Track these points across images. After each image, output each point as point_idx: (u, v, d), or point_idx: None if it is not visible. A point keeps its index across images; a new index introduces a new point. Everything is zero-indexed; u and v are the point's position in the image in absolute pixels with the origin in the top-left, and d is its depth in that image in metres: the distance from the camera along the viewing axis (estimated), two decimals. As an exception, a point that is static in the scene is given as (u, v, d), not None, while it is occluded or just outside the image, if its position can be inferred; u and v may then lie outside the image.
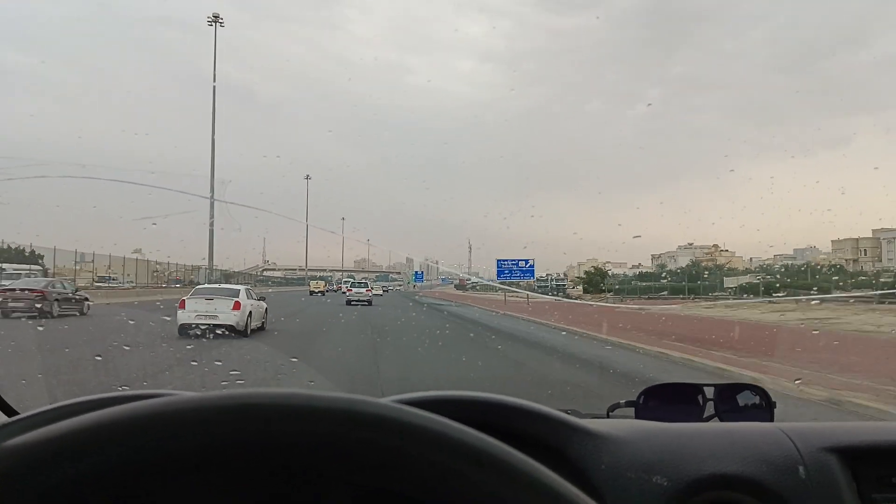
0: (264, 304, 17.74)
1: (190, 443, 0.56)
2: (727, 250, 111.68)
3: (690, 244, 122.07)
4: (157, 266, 50.06)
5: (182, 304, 16.01)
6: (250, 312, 16.44)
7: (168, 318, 15.35)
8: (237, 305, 15.88)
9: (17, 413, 1.34)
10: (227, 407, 0.58)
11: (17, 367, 8.21)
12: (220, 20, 43.43)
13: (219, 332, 15.05)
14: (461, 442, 0.59)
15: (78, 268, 42.80)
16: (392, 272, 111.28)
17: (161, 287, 43.25)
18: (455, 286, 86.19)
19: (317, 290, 52.12)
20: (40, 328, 16.11)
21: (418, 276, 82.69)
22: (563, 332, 21.02)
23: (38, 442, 0.55)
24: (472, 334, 21.37)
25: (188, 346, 13.57)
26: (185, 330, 15.18)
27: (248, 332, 16.14)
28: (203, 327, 15.10)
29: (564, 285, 70.99)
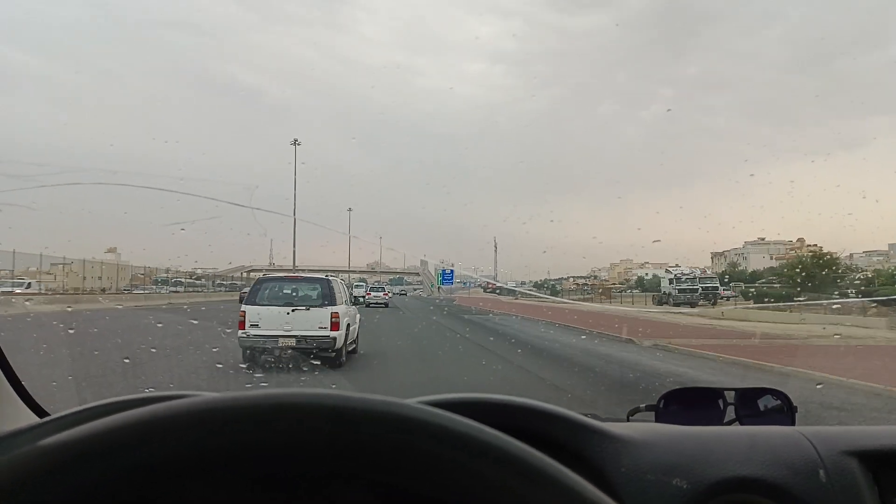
0: None
1: (218, 442, 0.56)
2: (814, 244, 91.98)
3: (762, 239, 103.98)
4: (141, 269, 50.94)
5: None
6: None
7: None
8: None
9: (49, 414, 1.38)
10: (257, 407, 0.58)
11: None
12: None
13: None
14: (485, 442, 0.59)
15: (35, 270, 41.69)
16: (409, 272, 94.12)
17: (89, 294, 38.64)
18: (484, 290, 75.31)
19: None
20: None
21: (446, 277, 64.00)
22: None
23: (69, 441, 0.55)
24: None
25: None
26: None
27: None
28: None
29: (716, 288, 48.16)
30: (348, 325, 12.33)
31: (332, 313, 11.65)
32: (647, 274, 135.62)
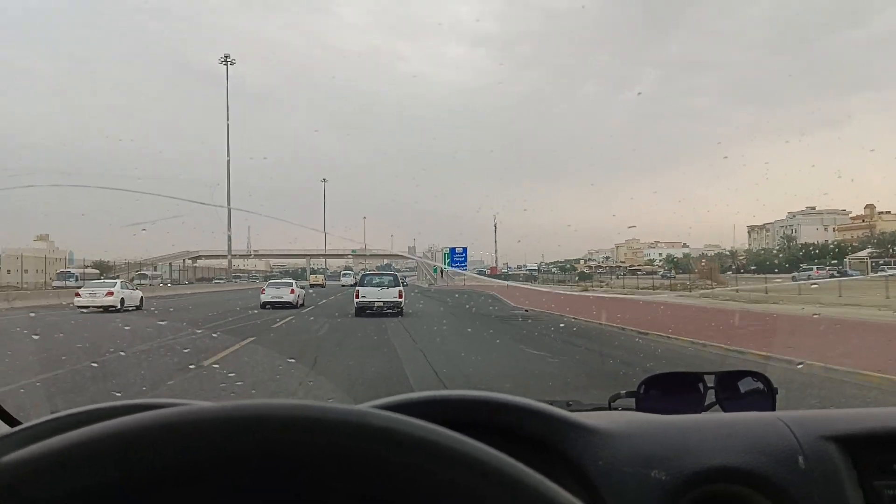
0: (304, 291, 30.51)
1: (194, 455, 0.55)
2: (889, 212, 76.39)
3: (812, 208, 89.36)
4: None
5: (263, 291, 27.70)
6: (300, 295, 28.27)
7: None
8: (293, 291, 27.59)
9: (20, 423, 1.36)
10: (230, 419, 0.57)
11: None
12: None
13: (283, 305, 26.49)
14: (458, 452, 0.58)
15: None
16: (398, 255, 77.87)
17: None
18: (487, 276, 62.13)
19: (316, 283, 57.87)
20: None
21: (457, 259, 47.45)
22: None
23: (38, 456, 0.54)
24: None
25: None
26: (265, 305, 26.15)
27: (299, 305, 27.26)
28: (275, 303, 26.42)
29: None
30: (404, 296, 24.48)
31: (399, 290, 23.86)
32: (661, 254, 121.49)
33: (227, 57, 49.47)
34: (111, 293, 24.67)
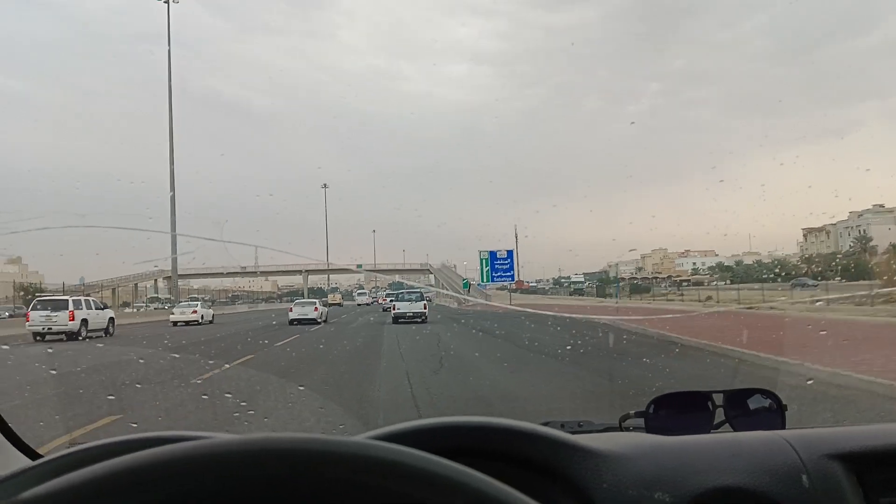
0: (327, 309, 35.86)
1: (211, 489, 0.57)
2: None
3: (881, 206, 78.60)
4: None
5: (291, 309, 32.74)
6: (323, 312, 33.38)
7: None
8: (317, 308, 32.76)
9: (41, 456, 1.34)
10: (243, 452, 0.59)
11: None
12: None
13: (309, 322, 30.82)
14: (461, 483, 0.60)
15: None
16: (412, 270, 67.29)
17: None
18: (510, 291, 54.87)
19: (334, 303, 58.81)
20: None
21: (499, 267, 36.65)
22: None
23: (57, 490, 0.55)
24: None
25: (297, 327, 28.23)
26: (293, 321, 30.68)
27: (322, 322, 31.67)
28: (301, 319, 30.69)
29: None
30: (428, 308, 31.62)
31: (424, 303, 30.53)
32: (694, 263, 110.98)
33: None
34: (195, 311, 33.51)
